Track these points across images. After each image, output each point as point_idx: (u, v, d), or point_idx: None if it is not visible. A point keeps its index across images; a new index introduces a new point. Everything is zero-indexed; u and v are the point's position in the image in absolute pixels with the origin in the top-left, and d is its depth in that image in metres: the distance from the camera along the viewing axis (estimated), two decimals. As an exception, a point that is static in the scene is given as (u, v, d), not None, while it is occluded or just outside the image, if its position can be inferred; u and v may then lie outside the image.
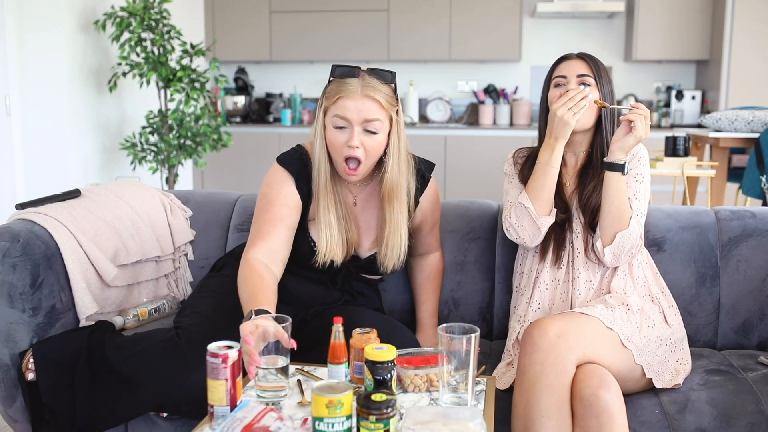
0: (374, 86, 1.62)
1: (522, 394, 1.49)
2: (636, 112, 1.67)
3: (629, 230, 1.68)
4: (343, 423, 1.16)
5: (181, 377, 1.54)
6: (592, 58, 1.79)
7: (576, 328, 1.51)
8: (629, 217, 1.70)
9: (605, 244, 1.71)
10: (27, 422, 1.70)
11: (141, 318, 1.93)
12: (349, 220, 1.74)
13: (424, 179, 1.83)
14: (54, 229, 1.80)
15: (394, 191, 1.70)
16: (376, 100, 1.61)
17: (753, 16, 5.29)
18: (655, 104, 6.09)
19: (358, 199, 1.80)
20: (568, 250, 1.80)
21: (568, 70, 1.78)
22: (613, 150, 1.70)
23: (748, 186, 3.74)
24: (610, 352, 1.53)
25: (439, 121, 6.04)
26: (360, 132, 1.61)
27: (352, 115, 1.60)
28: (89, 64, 4.20)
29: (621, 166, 1.69)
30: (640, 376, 1.58)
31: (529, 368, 1.48)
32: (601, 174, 1.75)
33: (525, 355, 1.50)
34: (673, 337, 1.70)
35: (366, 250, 1.80)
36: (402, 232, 1.74)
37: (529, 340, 1.50)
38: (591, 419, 1.41)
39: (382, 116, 1.63)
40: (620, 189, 1.69)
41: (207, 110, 4.37)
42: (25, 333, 1.69)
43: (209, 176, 5.89)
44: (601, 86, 1.76)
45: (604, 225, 1.71)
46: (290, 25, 6.05)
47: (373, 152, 1.65)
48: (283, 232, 1.66)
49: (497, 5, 5.85)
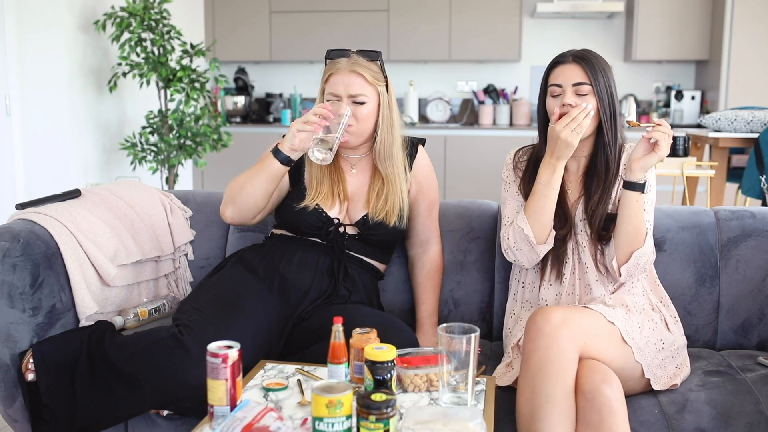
0: (360, 63, 1.83)
1: (528, 380, 1.47)
2: (660, 130, 1.59)
3: (645, 247, 1.66)
4: (343, 423, 1.17)
5: (184, 374, 1.54)
6: (588, 58, 1.70)
7: (579, 318, 1.51)
8: (645, 234, 1.66)
9: (621, 263, 1.67)
10: (27, 422, 1.70)
11: (141, 318, 1.93)
12: (341, 181, 1.89)
13: (414, 147, 1.97)
14: (54, 229, 1.80)
15: (389, 158, 1.87)
16: (360, 74, 1.81)
17: (753, 16, 5.29)
18: (655, 104, 6.09)
19: (356, 167, 1.93)
20: (572, 263, 1.76)
21: (563, 78, 1.70)
22: (634, 169, 1.63)
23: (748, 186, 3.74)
24: (611, 346, 1.53)
25: (438, 121, 6.04)
26: (349, 103, 1.80)
27: (340, 89, 1.81)
28: (89, 64, 4.20)
29: (641, 186, 1.64)
30: (638, 376, 1.58)
31: (534, 354, 1.47)
32: (606, 181, 1.72)
33: (529, 340, 1.49)
34: (676, 343, 1.69)
35: (358, 212, 1.88)
36: (401, 192, 1.88)
37: (533, 326, 1.50)
38: (593, 413, 1.40)
39: (368, 90, 1.82)
40: (639, 208, 1.65)
41: (207, 110, 4.37)
42: (25, 333, 1.69)
43: (209, 176, 5.89)
44: (598, 91, 1.68)
45: (620, 243, 1.67)
46: (290, 25, 6.05)
47: (362, 118, 1.82)
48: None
49: (497, 5, 5.85)
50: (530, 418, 1.44)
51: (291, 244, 1.88)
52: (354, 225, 1.88)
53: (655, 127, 1.60)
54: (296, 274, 1.82)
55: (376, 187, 1.88)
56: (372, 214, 1.86)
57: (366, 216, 1.86)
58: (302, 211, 1.85)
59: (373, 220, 1.85)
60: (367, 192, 1.89)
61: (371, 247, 1.90)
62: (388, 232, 1.87)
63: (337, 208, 1.87)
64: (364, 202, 1.89)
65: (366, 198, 1.89)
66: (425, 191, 1.96)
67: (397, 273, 2.05)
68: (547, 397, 1.42)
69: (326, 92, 1.84)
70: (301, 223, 1.86)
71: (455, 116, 6.23)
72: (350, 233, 1.88)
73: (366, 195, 1.89)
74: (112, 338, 1.66)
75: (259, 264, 1.84)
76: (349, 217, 1.89)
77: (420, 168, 1.96)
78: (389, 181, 1.87)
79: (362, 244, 1.89)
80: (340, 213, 1.88)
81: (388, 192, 1.87)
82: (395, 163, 1.88)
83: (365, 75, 1.82)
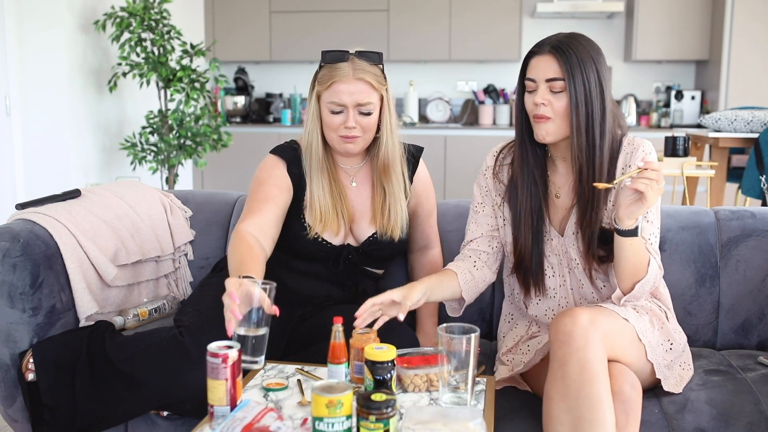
0: (364, 68, 1.71)
1: (568, 385, 1.36)
2: (645, 177, 1.38)
3: (648, 276, 1.51)
4: (343, 423, 1.17)
5: (184, 375, 1.54)
6: (565, 49, 1.49)
7: (602, 317, 1.44)
8: (648, 264, 1.51)
9: (625, 292, 1.54)
10: (27, 422, 1.70)
11: (141, 318, 1.93)
12: (343, 198, 1.80)
13: (415, 159, 1.89)
14: (54, 229, 1.80)
15: (390, 165, 1.78)
16: (367, 81, 1.70)
17: (752, 16, 5.29)
18: (655, 104, 6.09)
19: (356, 179, 1.85)
20: (566, 280, 1.65)
21: (537, 72, 1.52)
22: (621, 218, 1.44)
23: (748, 186, 3.74)
24: (628, 346, 1.48)
25: (438, 122, 6.04)
26: (355, 113, 1.70)
27: (347, 99, 1.69)
28: (89, 64, 4.20)
29: (634, 231, 1.45)
30: (647, 375, 1.55)
31: (571, 358, 1.37)
32: (591, 197, 1.55)
33: (561, 344, 1.40)
34: (681, 342, 1.67)
35: (364, 231, 1.82)
36: (401, 205, 1.80)
37: (562, 329, 1.40)
38: (620, 414, 1.39)
39: (374, 97, 1.72)
40: (635, 249, 1.48)
41: (207, 110, 4.37)
42: (25, 333, 1.69)
43: (209, 176, 5.89)
44: (572, 89, 1.48)
45: (621, 278, 1.53)
46: (290, 25, 6.05)
47: (368, 129, 1.74)
48: (273, 209, 1.71)
49: (497, 5, 5.85)
50: (577, 423, 1.35)
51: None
52: (361, 246, 1.83)
53: (639, 173, 1.39)
54: (299, 281, 1.81)
55: (378, 201, 1.81)
56: (381, 232, 1.81)
57: (374, 235, 1.82)
58: (307, 244, 1.78)
59: (382, 239, 1.81)
60: (371, 208, 1.83)
61: (373, 259, 1.87)
62: (394, 246, 1.84)
63: (343, 231, 1.80)
64: (369, 219, 1.82)
65: (371, 215, 1.82)
66: (424, 202, 1.93)
67: (397, 273, 2.05)
68: (595, 398, 1.35)
69: (328, 101, 1.70)
70: (307, 254, 1.80)
71: (455, 116, 6.23)
72: (354, 248, 1.83)
73: (371, 212, 1.82)
74: (113, 339, 1.66)
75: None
76: (354, 238, 1.83)
77: (420, 181, 1.90)
78: (391, 193, 1.79)
79: (365, 257, 1.85)
80: (345, 235, 1.81)
81: (391, 206, 1.79)
82: (396, 171, 1.80)
83: (371, 81, 1.71)
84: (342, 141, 1.73)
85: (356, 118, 1.71)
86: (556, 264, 1.66)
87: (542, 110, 1.52)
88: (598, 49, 1.54)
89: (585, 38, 1.54)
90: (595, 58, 1.51)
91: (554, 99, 1.52)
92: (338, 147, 1.76)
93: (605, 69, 1.53)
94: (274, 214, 1.70)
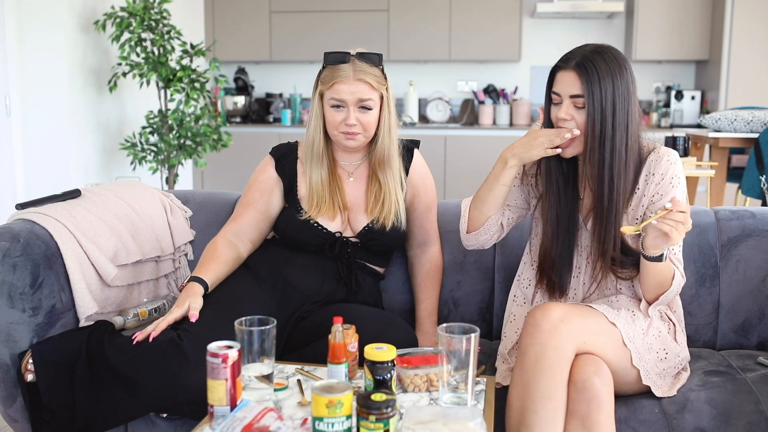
0: (365, 70, 1.80)
1: (522, 375, 1.46)
2: (672, 219, 1.40)
3: (672, 287, 1.58)
4: (343, 423, 1.17)
5: (182, 379, 1.54)
6: (588, 66, 1.52)
7: (580, 316, 1.49)
8: (672, 277, 1.57)
9: (650, 302, 1.62)
10: (27, 422, 1.70)
11: (141, 318, 1.93)
12: (340, 190, 1.88)
13: (410, 151, 1.96)
14: (54, 229, 1.80)
15: (387, 161, 1.86)
16: (367, 82, 1.79)
17: (752, 16, 5.29)
18: (655, 104, 6.09)
19: (354, 175, 1.92)
20: (583, 282, 1.70)
21: (562, 87, 1.56)
22: (647, 248, 1.50)
23: (748, 186, 3.74)
24: (610, 347, 1.51)
25: (438, 121, 6.04)
26: (355, 110, 1.79)
27: (348, 97, 1.78)
28: (89, 64, 4.20)
29: (659, 257, 1.51)
30: (634, 380, 1.56)
31: (531, 348, 1.46)
32: (608, 206, 1.58)
33: (527, 335, 1.48)
34: (681, 355, 1.66)
35: (360, 221, 1.88)
36: (397, 196, 1.87)
37: (531, 321, 1.48)
38: (581, 403, 1.41)
39: (374, 95, 1.81)
40: (660, 268, 1.54)
41: (207, 110, 4.37)
42: (25, 333, 1.69)
43: (209, 176, 5.89)
44: (590, 106, 1.52)
45: (646, 291, 1.60)
46: (290, 25, 6.05)
47: (368, 126, 1.82)
48: (251, 215, 1.89)
49: (497, 5, 5.85)
50: (522, 411, 1.43)
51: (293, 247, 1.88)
52: (356, 236, 1.88)
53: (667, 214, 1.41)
54: (300, 277, 1.83)
55: (373, 192, 1.88)
56: (374, 220, 1.86)
57: (369, 225, 1.86)
58: (302, 228, 1.85)
59: (376, 228, 1.85)
60: (365, 200, 1.89)
61: (372, 253, 1.90)
62: (389, 237, 1.87)
63: (339, 219, 1.86)
64: (364, 210, 1.88)
65: (365, 206, 1.88)
66: (421, 195, 1.96)
67: (397, 273, 2.06)
68: (540, 391, 1.42)
69: (330, 98, 1.80)
70: (303, 239, 1.86)
71: (455, 116, 6.22)
72: (352, 241, 1.88)
73: (365, 203, 1.89)
74: (112, 340, 1.66)
75: (260, 266, 1.84)
76: (351, 228, 1.89)
77: (416, 172, 1.95)
78: (385, 183, 1.86)
79: (364, 251, 1.89)
80: (342, 224, 1.87)
81: (385, 195, 1.86)
82: (393, 167, 1.87)
83: (371, 82, 1.79)
84: (344, 137, 1.82)
85: (357, 115, 1.79)
86: (578, 262, 1.70)
87: (567, 124, 1.58)
88: (622, 65, 1.55)
89: (611, 54, 1.55)
90: (618, 73, 1.53)
91: (577, 114, 1.56)
92: (340, 142, 1.84)
93: (628, 85, 1.55)
94: (252, 219, 1.88)
